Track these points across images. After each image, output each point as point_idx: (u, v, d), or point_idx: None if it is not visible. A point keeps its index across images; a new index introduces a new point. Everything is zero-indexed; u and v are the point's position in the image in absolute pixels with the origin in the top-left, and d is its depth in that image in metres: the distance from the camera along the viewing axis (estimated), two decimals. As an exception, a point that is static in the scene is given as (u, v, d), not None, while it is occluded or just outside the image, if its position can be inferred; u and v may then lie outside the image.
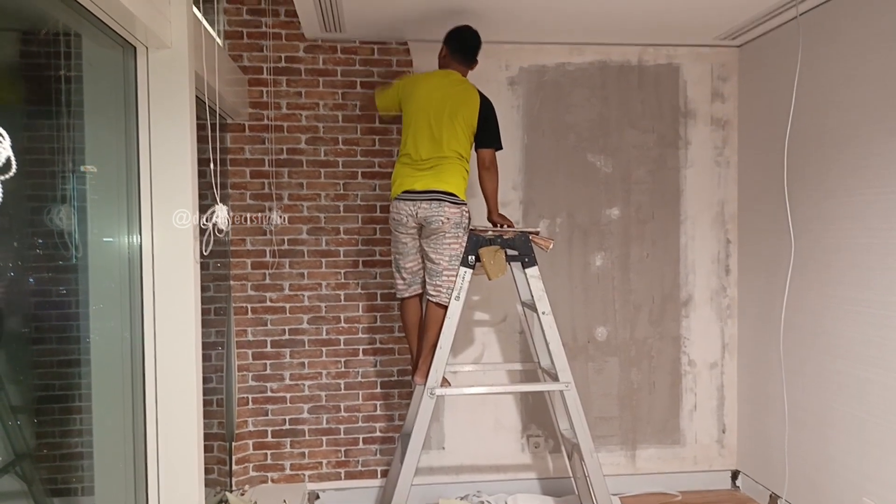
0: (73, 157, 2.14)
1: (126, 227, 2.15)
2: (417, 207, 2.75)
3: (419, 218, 2.77)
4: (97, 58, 2.08)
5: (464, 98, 2.81)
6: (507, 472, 3.60)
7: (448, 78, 2.87)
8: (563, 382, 2.87)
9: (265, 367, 3.46)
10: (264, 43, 3.38)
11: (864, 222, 2.73)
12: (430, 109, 2.79)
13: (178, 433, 2.19)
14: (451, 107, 2.78)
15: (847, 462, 2.83)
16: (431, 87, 2.84)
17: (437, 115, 2.78)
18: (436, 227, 2.75)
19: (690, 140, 3.67)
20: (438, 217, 2.73)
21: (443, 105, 2.78)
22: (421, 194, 2.75)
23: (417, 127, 2.81)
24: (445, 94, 2.80)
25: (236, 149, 3.39)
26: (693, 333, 3.70)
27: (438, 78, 2.88)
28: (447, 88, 2.82)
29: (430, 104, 2.80)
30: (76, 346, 2.22)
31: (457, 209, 2.76)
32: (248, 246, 3.42)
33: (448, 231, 2.75)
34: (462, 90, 2.83)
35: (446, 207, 2.74)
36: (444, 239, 2.76)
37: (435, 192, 2.74)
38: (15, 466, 2.16)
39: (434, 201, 2.73)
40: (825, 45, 2.93)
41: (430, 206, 2.73)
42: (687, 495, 3.62)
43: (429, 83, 2.86)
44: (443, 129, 2.77)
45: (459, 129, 2.79)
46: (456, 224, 2.77)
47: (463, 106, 2.80)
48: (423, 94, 2.82)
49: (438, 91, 2.82)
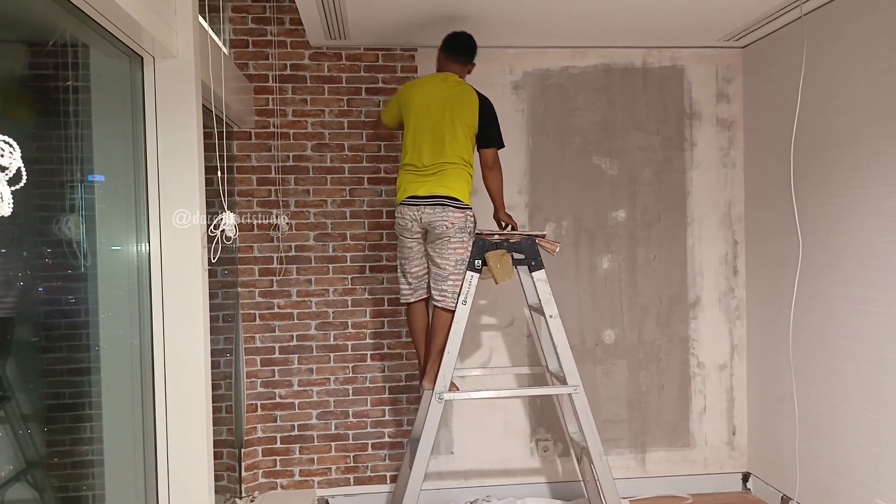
0: (82, 166, 2.15)
1: (134, 236, 2.17)
2: (421, 213, 2.75)
3: (423, 223, 2.77)
4: (105, 68, 2.10)
5: (463, 100, 2.80)
6: (516, 477, 3.59)
7: (445, 81, 2.86)
8: (571, 386, 2.86)
9: (273, 373, 3.47)
10: (270, 51, 3.40)
11: (871, 221, 2.71)
12: (429, 115, 2.79)
13: (188, 440, 2.20)
14: (451, 111, 2.77)
15: (859, 463, 2.81)
16: (428, 93, 2.83)
17: (438, 120, 2.77)
18: (440, 232, 2.74)
19: (696, 141, 3.66)
20: (442, 222, 2.72)
21: (442, 110, 2.77)
22: (425, 199, 2.75)
23: (418, 133, 2.81)
24: (444, 98, 2.79)
25: (243, 156, 3.41)
26: (701, 335, 3.68)
27: (435, 82, 2.87)
28: (445, 92, 2.81)
29: (428, 110, 2.79)
30: (86, 354, 2.23)
31: (461, 214, 2.75)
32: (256, 253, 3.44)
33: (453, 236, 2.75)
34: (459, 92, 2.82)
35: (450, 212, 2.73)
36: (449, 244, 2.76)
37: (438, 198, 2.74)
38: (26, 475, 2.17)
39: (438, 206, 2.73)
40: (830, 45, 2.92)
41: (434, 211, 2.73)
42: (697, 498, 3.60)
43: (425, 88, 2.85)
44: (444, 134, 2.76)
45: (461, 132, 2.78)
46: (460, 229, 2.76)
47: (463, 109, 2.78)
48: (421, 100, 2.82)
49: (436, 96, 2.81)
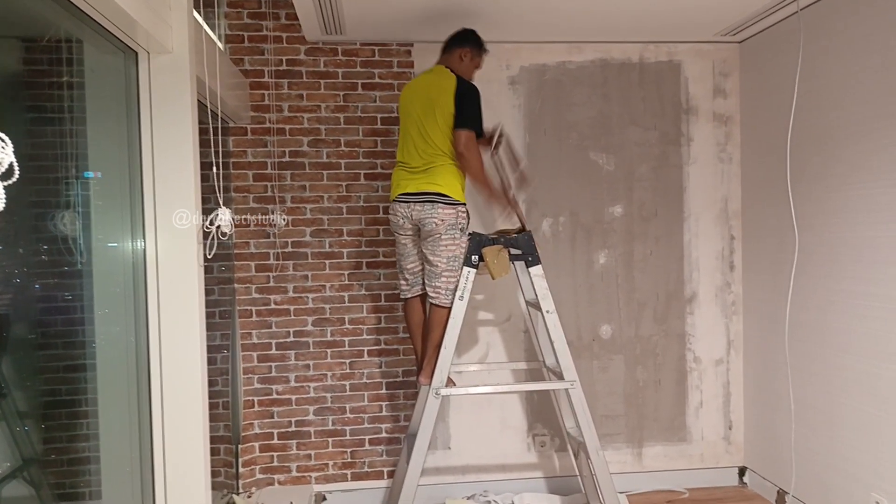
0: (76, 162, 2.14)
1: (130, 232, 2.16)
2: (411, 209, 2.75)
3: (414, 220, 2.77)
4: (99, 63, 2.09)
5: (441, 86, 2.73)
6: (514, 472, 3.60)
7: (430, 73, 2.86)
8: (568, 381, 2.87)
9: (270, 369, 3.46)
10: (265, 46, 3.39)
11: (868, 216, 2.72)
12: (414, 110, 2.80)
13: (185, 436, 2.19)
14: (432, 100, 2.73)
15: (856, 458, 2.82)
16: (414, 88, 2.86)
17: (422, 113, 2.76)
18: (430, 229, 2.73)
19: (693, 137, 3.66)
20: (432, 219, 2.71)
21: (424, 102, 2.76)
22: (414, 196, 2.75)
23: (406, 131, 2.84)
24: (425, 89, 2.79)
25: (239, 152, 3.40)
26: (698, 330, 3.69)
27: (423, 76, 2.88)
28: (428, 83, 2.81)
29: (413, 105, 2.81)
30: (82, 350, 2.23)
31: (451, 210, 2.73)
32: (252, 249, 3.43)
33: (444, 233, 2.72)
34: (440, 79, 2.77)
35: (440, 209, 2.71)
36: (441, 241, 2.74)
37: (427, 194, 2.72)
38: (23, 472, 2.17)
39: (427, 203, 2.72)
40: (826, 40, 2.92)
41: (423, 208, 2.72)
42: (694, 492, 3.61)
43: (412, 85, 2.89)
44: (428, 128, 2.73)
45: (441, 120, 2.70)
46: (451, 225, 2.73)
47: (441, 95, 2.71)
48: (408, 97, 2.85)
49: (419, 90, 2.82)
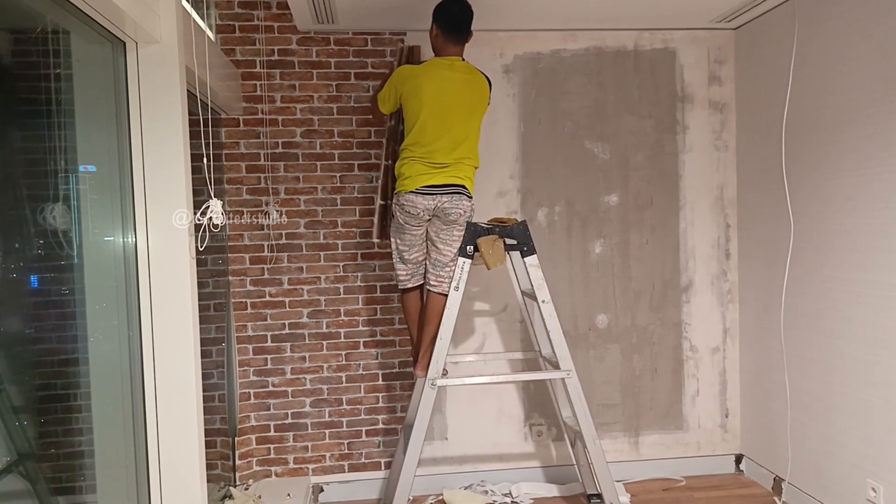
0: (66, 155, 2.12)
1: (121, 225, 2.14)
2: (437, 201, 2.74)
3: (437, 210, 2.77)
4: (86, 54, 2.06)
5: (482, 94, 2.83)
6: (511, 461, 3.61)
7: (454, 70, 2.76)
8: (564, 370, 2.87)
9: (266, 361, 3.45)
10: (256, 36, 3.36)
11: (863, 203, 2.71)
12: (443, 108, 2.72)
13: (179, 429, 2.19)
14: (471, 104, 2.79)
15: (851, 444, 2.83)
16: (441, 85, 2.73)
17: (456, 116, 2.74)
18: (453, 219, 2.79)
19: (688, 124, 3.64)
20: (458, 209, 2.77)
21: (461, 104, 2.76)
22: (442, 188, 2.75)
23: (429, 127, 2.73)
24: (460, 91, 2.76)
25: (231, 143, 3.37)
26: (694, 319, 3.69)
27: (444, 71, 2.75)
28: (460, 85, 2.75)
29: (443, 102, 2.72)
30: (75, 345, 2.22)
31: (469, 203, 2.82)
32: (246, 241, 3.41)
33: (462, 224, 2.82)
34: (472, 81, 2.80)
35: (464, 200, 2.78)
36: (456, 230, 2.83)
37: (455, 186, 2.77)
38: (18, 466, 2.16)
39: (455, 194, 2.76)
40: (821, 26, 2.90)
41: (451, 199, 2.76)
42: (691, 480, 3.62)
43: (435, 79, 2.73)
44: (463, 132, 2.77)
45: (476, 125, 2.83)
46: (469, 218, 2.84)
47: (480, 102, 2.83)
48: (434, 92, 2.71)
49: (449, 87, 2.74)
